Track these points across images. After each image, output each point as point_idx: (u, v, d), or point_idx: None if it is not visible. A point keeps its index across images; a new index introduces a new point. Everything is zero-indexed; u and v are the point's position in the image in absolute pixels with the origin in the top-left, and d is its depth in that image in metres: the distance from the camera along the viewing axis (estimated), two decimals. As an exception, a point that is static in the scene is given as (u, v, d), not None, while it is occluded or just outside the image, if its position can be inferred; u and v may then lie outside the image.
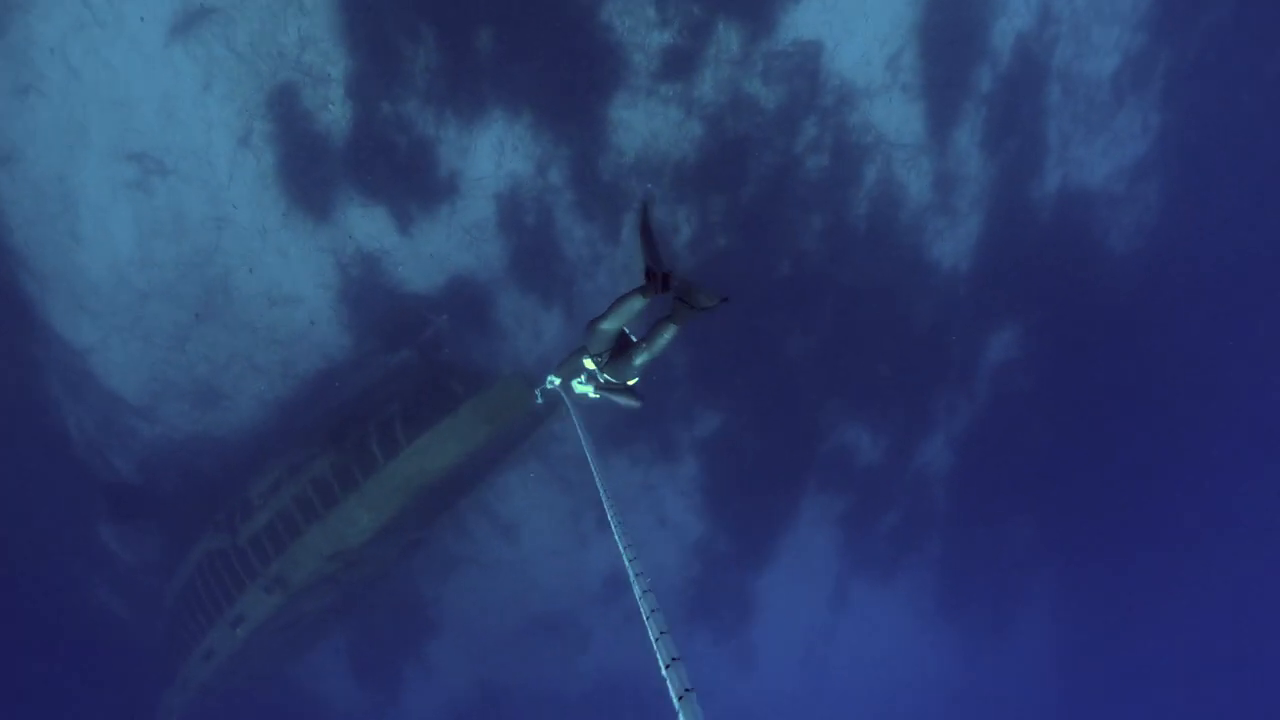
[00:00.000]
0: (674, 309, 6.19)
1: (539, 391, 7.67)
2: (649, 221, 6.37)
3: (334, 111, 17.49)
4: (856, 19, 19.32)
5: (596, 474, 4.86)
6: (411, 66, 17.47)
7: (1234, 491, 37.50)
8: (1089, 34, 22.96)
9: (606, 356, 6.70)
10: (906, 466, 29.29)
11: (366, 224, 18.96)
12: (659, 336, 6.35)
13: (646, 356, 6.54)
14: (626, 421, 23.92)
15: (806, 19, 18.95)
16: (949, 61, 21.08)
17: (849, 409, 26.48)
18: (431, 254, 19.70)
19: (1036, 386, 29.39)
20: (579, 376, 7.04)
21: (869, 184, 21.97)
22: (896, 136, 21.55)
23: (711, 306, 6.13)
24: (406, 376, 20.21)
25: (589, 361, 6.78)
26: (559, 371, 7.31)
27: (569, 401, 7.32)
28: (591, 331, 6.51)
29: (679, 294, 6.13)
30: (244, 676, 22.34)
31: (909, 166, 22.19)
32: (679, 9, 17.77)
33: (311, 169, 17.99)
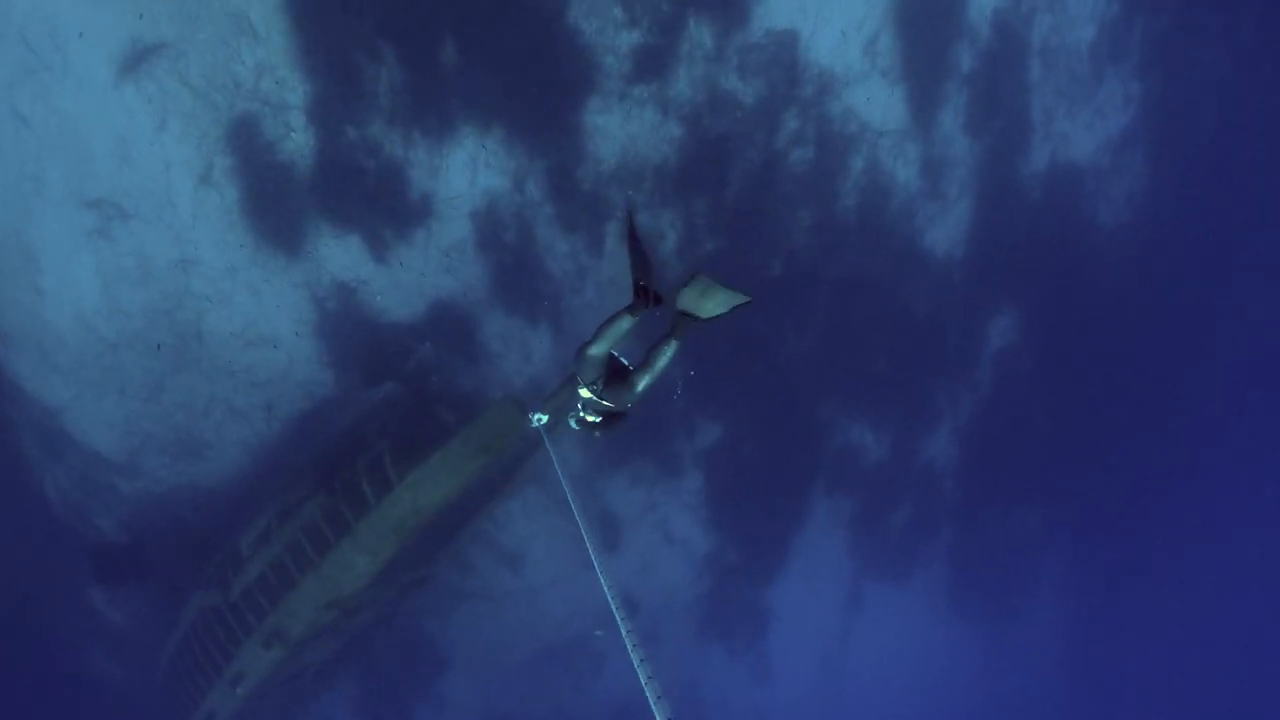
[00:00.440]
0: (675, 322, 6.01)
1: (534, 417, 7.24)
2: (637, 233, 6.09)
3: (296, 140, 16.80)
4: (830, 4, 18.87)
5: (585, 530, 4.80)
6: (374, 86, 16.81)
7: (1238, 467, 37.64)
8: (1065, 4, 22.87)
9: (602, 383, 6.33)
10: (913, 462, 28.81)
11: (340, 254, 18.23)
12: (660, 355, 6.12)
13: (649, 378, 6.26)
14: (623, 439, 23.26)
15: (779, 8, 18.46)
16: (927, 42, 20.71)
17: (851, 407, 25.94)
18: (410, 280, 19.01)
19: (1038, 370, 29.19)
20: (575, 407, 6.66)
21: (856, 174, 21.49)
22: (880, 124, 21.11)
23: (719, 315, 5.96)
24: (394, 410, 19.38)
25: (585, 391, 6.38)
26: (550, 404, 7.03)
27: (549, 444, 7.14)
28: (581, 358, 6.18)
29: (681, 307, 5.96)
30: (249, 735, 21.49)
31: (895, 154, 21.80)
32: (647, 6, 17.20)
33: (278, 201, 17.30)
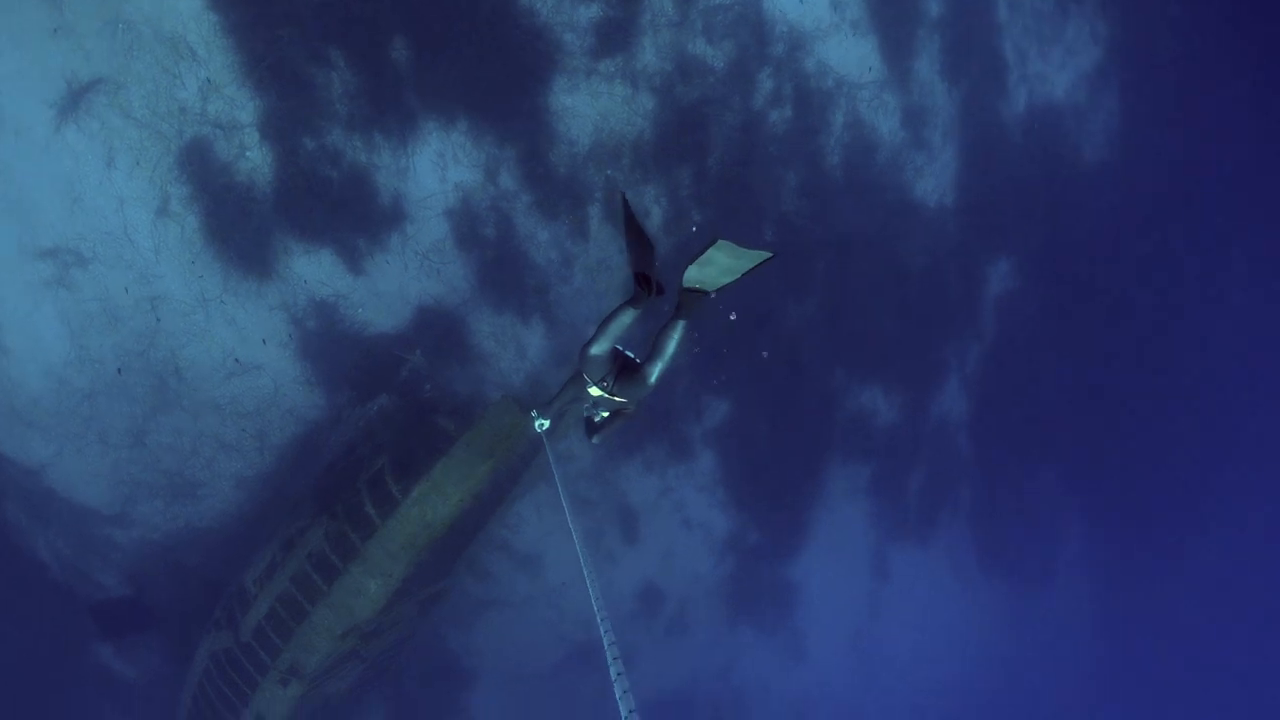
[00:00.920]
0: (681, 302, 5.82)
1: (535, 422, 7.05)
2: (635, 220, 5.78)
3: (252, 158, 16.02)
4: (792, -45, 18.26)
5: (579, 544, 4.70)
6: (327, 94, 16.06)
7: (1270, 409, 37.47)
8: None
9: (612, 379, 6.06)
10: (926, 420, 28.46)
11: (314, 270, 17.50)
12: (668, 339, 5.79)
13: (661, 365, 5.94)
14: (632, 430, 22.75)
15: (739, -36, 17.83)
16: (893, -13, 20.18)
17: (858, 371, 25.49)
18: (391, 288, 18.31)
19: (1040, 313, 28.88)
20: (586, 405, 6.44)
21: (838, 130, 20.89)
22: (857, 76, 20.48)
23: (729, 284, 5.58)
24: (390, 423, 18.72)
25: (594, 389, 6.12)
26: (553, 407, 6.90)
27: (549, 448, 6.98)
28: (585, 359, 5.94)
29: (687, 283, 5.63)
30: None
31: (875, 106, 21.22)
32: (602, -24, 16.55)
33: (241, 224, 16.54)
